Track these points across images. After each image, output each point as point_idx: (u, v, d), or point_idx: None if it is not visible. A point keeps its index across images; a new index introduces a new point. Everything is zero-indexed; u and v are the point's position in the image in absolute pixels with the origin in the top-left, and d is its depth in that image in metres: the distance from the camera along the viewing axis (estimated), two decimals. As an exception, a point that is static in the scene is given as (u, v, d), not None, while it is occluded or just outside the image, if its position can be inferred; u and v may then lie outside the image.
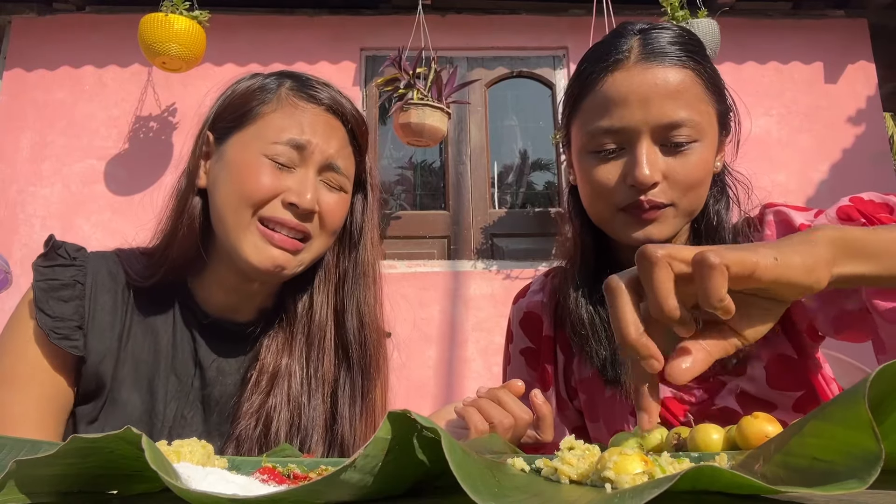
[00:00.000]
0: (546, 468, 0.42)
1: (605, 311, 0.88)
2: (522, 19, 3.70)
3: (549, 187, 3.69)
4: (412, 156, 3.67)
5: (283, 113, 0.82)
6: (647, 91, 0.79)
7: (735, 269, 0.43)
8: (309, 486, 0.33)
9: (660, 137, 0.79)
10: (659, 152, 0.80)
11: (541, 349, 0.99)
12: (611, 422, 0.92)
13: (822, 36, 3.71)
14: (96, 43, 3.55)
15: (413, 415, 0.35)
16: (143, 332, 0.83)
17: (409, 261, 3.41)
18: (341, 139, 0.84)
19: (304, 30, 3.62)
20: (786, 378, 0.82)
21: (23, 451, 0.50)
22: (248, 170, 0.79)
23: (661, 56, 0.80)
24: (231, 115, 0.84)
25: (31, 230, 3.32)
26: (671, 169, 0.80)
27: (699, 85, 0.81)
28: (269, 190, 0.79)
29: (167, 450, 0.46)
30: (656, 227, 0.81)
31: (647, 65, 0.80)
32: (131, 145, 3.45)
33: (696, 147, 0.80)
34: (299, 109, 0.82)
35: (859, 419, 0.31)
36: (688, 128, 0.79)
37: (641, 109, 0.79)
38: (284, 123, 0.81)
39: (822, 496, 0.33)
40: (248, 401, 0.82)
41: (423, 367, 3.21)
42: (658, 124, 0.79)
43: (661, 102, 0.78)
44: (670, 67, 0.80)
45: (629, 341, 0.45)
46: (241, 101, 0.84)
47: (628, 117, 0.79)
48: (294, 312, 0.88)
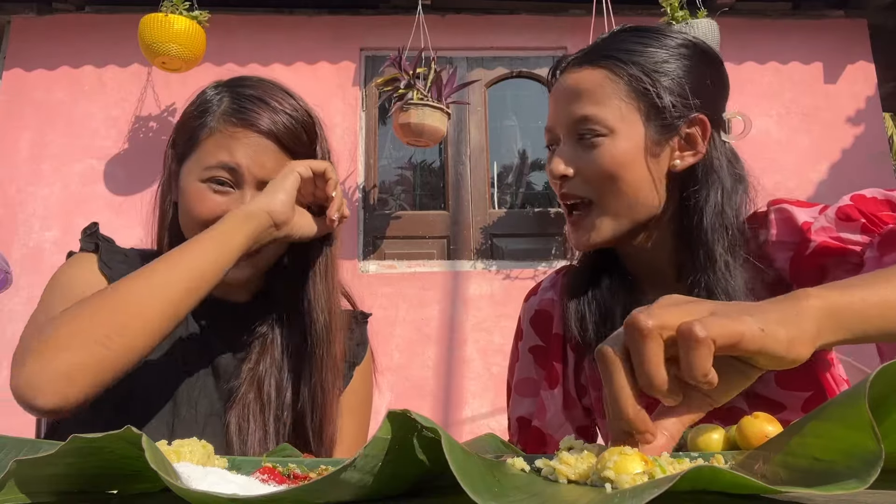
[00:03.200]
0: (546, 468, 0.42)
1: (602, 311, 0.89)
2: (522, 19, 3.70)
3: (549, 187, 3.68)
4: (412, 156, 3.67)
5: (215, 140, 0.89)
6: (561, 92, 0.87)
7: (721, 342, 0.43)
8: (309, 486, 0.33)
9: (574, 135, 0.85)
10: (577, 148, 0.85)
11: (550, 347, 1.00)
12: None
13: (821, 36, 3.71)
14: (96, 43, 3.55)
15: (413, 415, 0.35)
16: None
17: (409, 261, 3.41)
18: (274, 157, 0.89)
19: (303, 30, 3.62)
20: (795, 378, 0.82)
21: (23, 451, 0.50)
22: (192, 197, 0.88)
23: (584, 61, 0.87)
24: (182, 141, 0.93)
25: (30, 230, 3.32)
26: (582, 162, 0.84)
27: (615, 83, 0.84)
28: (210, 212, 0.86)
29: (167, 450, 0.46)
30: (584, 233, 0.85)
31: (571, 70, 0.88)
32: (131, 145, 3.45)
33: (604, 141, 0.83)
34: (229, 135, 0.88)
35: (859, 419, 0.31)
36: (593, 123, 0.83)
37: (557, 110, 0.88)
38: (217, 150, 0.88)
39: (822, 496, 0.33)
40: (246, 363, 0.92)
41: (422, 367, 3.21)
42: (568, 121, 0.85)
43: (570, 101, 0.85)
44: (586, 70, 0.86)
45: (628, 418, 0.45)
46: (187, 126, 0.92)
47: (552, 116, 0.89)
48: (279, 294, 0.97)
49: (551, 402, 0.97)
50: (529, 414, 1.00)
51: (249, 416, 0.89)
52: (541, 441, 0.98)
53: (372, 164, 3.56)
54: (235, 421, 0.89)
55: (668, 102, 0.83)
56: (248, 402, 0.90)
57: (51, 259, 3.24)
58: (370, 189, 3.52)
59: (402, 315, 3.28)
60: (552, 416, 0.97)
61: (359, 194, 3.48)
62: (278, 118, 0.90)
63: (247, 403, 0.90)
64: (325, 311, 0.94)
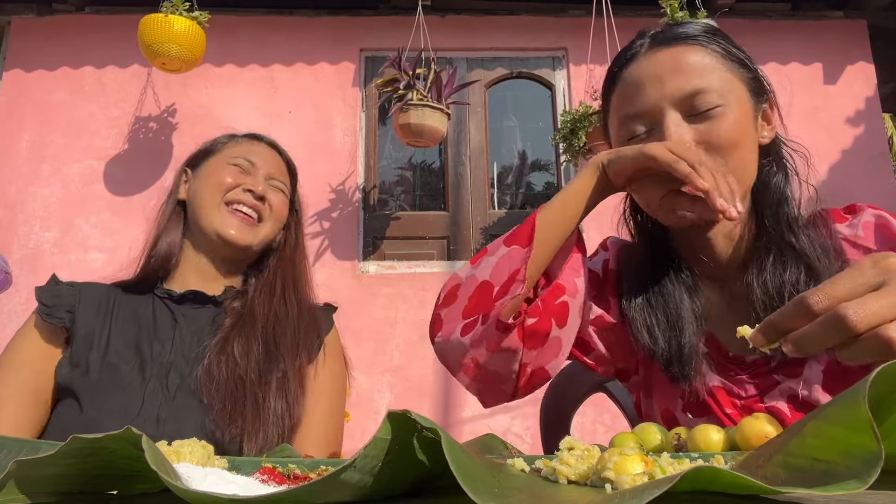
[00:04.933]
0: (546, 468, 0.42)
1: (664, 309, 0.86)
2: (522, 20, 3.70)
3: (549, 188, 3.69)
4: (411, 156, 3.67)
5: (237, 145, 1.19)
6: (658, 70, 0.82)
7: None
8: (309, 486, 0.33)
9: (684, 110, 0.81)
10: (686, 123, 0.80)
11: (604, 282, 0.94)
12: (661, 399, 0.90)
13: (821, 37, 3.71)
14: (96, 43, 3.55)
15: (413, 415, 0.35)
16: (127, 314, 1.07)
17: (409, 261, 3.41)
18: (279, 164, 1.20)
19: (303, 30, 3.62)
20: (842, 384, 0.81)
21: (23, 451, 0.50)
22: (219, 172, 1.13)
23: (666, 41, 0.84)
24: (202, 152, 1.20)
25: (30, 230, 3.32)
26: (703, 134, 0.79)
27: (713, 56, 0.83)
28: (234, 181, 1.12)
29: (167, 450, 0.46)
30: (705, 203, 0.76)
31: (655, 51, 0.84)
32: (131, 146, 3.45)
33: (723, 110, 0.80)
34: (248, 143, 1.20)
35: (859, 419, 0.31)
36: (708, 94, 0.80)
37: (657, 88, 0.81)
38: (239, 149, 1.17)
39: (822, 496, 0.33)
40: (215, 340, 1.03)
41: (422, 367, 3.20)
42: (677, 97, 0.80)
43: (675, 77, 0.81)
44: (678, 47, 0.83)
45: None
46: (211, 144, 1.21)
47: (646, 98, 0.82)
48: (250, 286, 1.15)
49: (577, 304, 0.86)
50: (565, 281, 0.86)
51: (213, 378, 0.99)
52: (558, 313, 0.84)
53: (372, 164, 3.56)
54: (205, 379, 0.99)
55: (759, 73, 0.85)
56: (214, 373, 0.99)
57: (51, 259, 3.24)
58: (370, 190, 3.52)
59: (401, 315, 3.28)
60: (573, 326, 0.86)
61: (359, 195, 3.48)
62: (279, 147, 1.23)
63: (213, 375, 0.99)
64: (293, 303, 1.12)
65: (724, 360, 0.86)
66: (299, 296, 1.15)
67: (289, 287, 1.14)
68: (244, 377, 1.00)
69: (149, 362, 1.01)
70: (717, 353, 0.87)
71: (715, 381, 0.85)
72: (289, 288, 1.14)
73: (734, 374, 0.85)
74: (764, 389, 0.83)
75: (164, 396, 0.97)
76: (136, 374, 0.99)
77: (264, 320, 1.07)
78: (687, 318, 0.85)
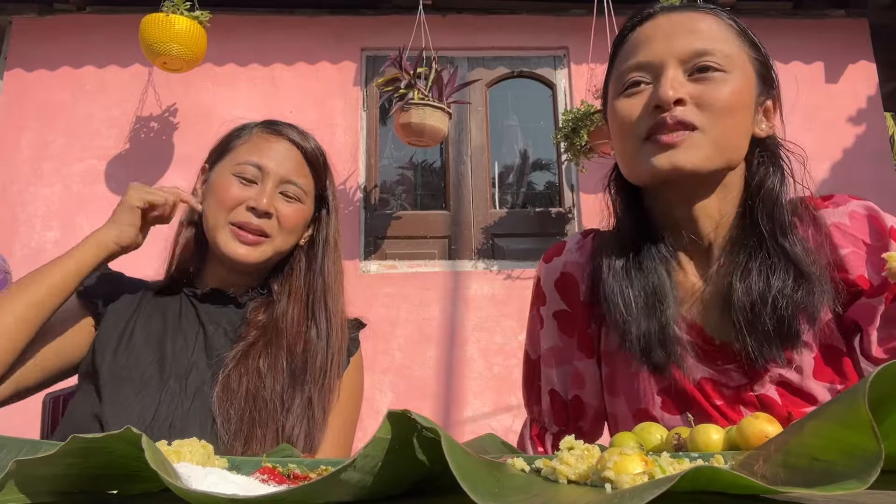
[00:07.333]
0: (546, 468, 0.42)
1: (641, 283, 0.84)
2: (523, 19, 3.70)
3: (550, 187, 3.69)
4: (413, 156, 3.67)
5: (250, 143, 1.11)
6: (670, 29, 0.82)
7: None
8: (309, 486, 0.33)
9: (687, 67, 0.80)
10: (686, 80, 0.80)
11: (577, 314, 0.94)
12: (632, 398, 0.88)
13: (822, 35, 3.71)
14: (97, 43, 3.55)
15: (413, 415, 0.35)
16: (153, 310, 1.09)
17: (410, 261, 3.41)
18: (296, 162, 1.11)
19: (304, 30, 3.62)
20: (832, 370, 0.81)
21: (23, 451, 0.51)
22: (222, 186, 1.07)
23: (686, 7, 0.85)
24: (218, 150, 1.14)
25: (31, 230, 3.32)
26: (700, 93, 0.79)
27: (728, 29, 0.83)
28: (235, 198, 1.06)
29: (167, 450, 0.46)
30: (682, 153, 0.77)
31: (670, 13, 0.84)
32: (132, 145, 3.46)
33: (725, 76, 0.79)
34: (263, 139, 1.11)
35: (859, 419, 0.31)
36: (714, 55, 0.79)
37: (665, 43, 0.81)
38: (250, 150, 1.09)
39: (822, 496, 0.33)
40: (234, 352, 1.03)
41: (423, 367, 3.20)
42: (683, 53, 0.80)
43: (685, 35, 0.81)
44: (695, 13, 0.83)
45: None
46: (224, 141, 1.15)
47: (653, 51, 0.82)
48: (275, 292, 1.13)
49: (588, 371, 0.93)
50: (563, 387, 0.94)
51: (231, 395, 0.99)
52: (580, 412, 0.94)
53: (373, 163, 3.56)
54: (221, 395, 0.98)
55: (770, 63, 0.85)
56: (231, 382, 0.99)
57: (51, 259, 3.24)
58: (371, 189, 3.52)
59: (403, 315, 3.28)
60: (593, 387, 0.93)
61: (360, 194, 3.48)
62: (304, 137, 1.13)
63: (230, 383, 0.99)
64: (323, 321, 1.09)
65: (710, 349, 0.84)
66: (329, 312, 1.10)
67: (318, 301, 1.10)
68: (266, 399, 0.98)
69: (169, 358, 1.01)
70: (703, 342, 0.84)
71: (701, 373, 0.84)
72: (318, 302, 1.10)
73: (721, 364, 0.83)
74: (753, 377, 0.82)
75: (181, 401, 0.97)
76: (155, 372, 0.99)
77: (291, 339, 1.05)
78: (668, 294, 0.83)
